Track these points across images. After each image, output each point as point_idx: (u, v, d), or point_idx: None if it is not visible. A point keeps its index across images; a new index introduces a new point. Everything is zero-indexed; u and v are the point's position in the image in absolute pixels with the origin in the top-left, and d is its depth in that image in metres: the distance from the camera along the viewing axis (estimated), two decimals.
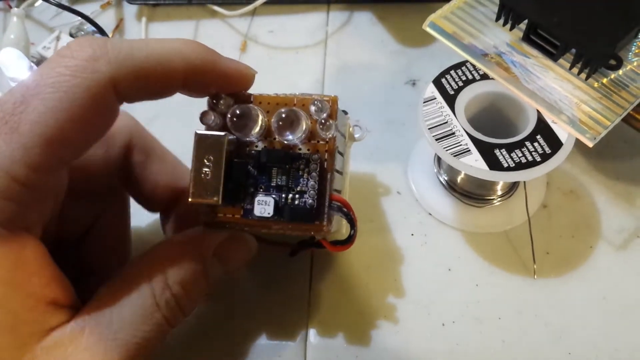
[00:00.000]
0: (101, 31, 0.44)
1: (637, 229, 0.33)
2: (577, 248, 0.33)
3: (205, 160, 0.23)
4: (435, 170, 0.35)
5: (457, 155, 0.29)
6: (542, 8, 0.30)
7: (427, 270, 0.32)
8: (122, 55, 0.22)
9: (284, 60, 0.42)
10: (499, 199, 0.34)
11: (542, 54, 0.31)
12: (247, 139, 0.25)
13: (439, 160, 0.35)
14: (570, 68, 0.30)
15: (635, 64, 0.30)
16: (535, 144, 0.29)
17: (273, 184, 0.24)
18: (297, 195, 0.24)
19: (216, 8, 0.43)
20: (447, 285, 0.32)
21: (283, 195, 0.24)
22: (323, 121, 0.24)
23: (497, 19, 0.32)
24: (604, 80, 0.30)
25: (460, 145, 0.29)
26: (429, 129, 0.30)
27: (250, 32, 0.44)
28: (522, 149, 0.29)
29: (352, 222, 0.25)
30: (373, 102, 0.39)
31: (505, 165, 0.28)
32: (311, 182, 0.24)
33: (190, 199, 0.24)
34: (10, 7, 0.46)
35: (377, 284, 0.32)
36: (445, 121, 0.30)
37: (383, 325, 0.31)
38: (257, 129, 0.24)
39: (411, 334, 0.31)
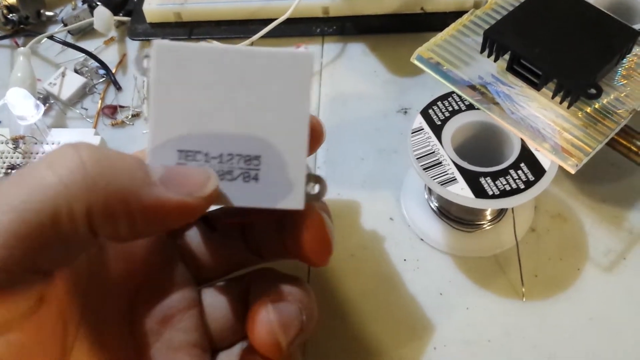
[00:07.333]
0: (105, 67, 0.45)
1: (623, 251, 0.34)
2: (565, 270, 0.33)
3: None
4: (426, 197, 0.36)
5: (444, 184, 0.30)
6: (524, 40, 0.31)
7: (419, 295, 0.33)
8: None
9: None
10: (488, 224, 0.35)
11: (525, 83, 0.32)
12: None
13: (429, 187, 0.36)
14: (553, 97, 0.31)
15: (623, 94, 0.31)
16: (519, 172, 0.30)
17: None
18: None
19: (215, 43, 0.45)
20: (439, 308, 0.33)
21: None
22: None
23: (482, 51, 0.33)
24: (588, 109, 0.31)
25: (447, 174, 0.30)
26: (417, 158, 0.31)
27: None
28: (507, 177, 0.30)
29: None
30: (366, 131, 0.40)
31: (490, 193, 0.29)
32: None
33: None
34: (18, 45, 0.48)
35: (371, 309, 0.33)
36: (433, 151, 0.31)
37: (378, 350, 0.32)
38: None
39: (404, 358, 0.32)
